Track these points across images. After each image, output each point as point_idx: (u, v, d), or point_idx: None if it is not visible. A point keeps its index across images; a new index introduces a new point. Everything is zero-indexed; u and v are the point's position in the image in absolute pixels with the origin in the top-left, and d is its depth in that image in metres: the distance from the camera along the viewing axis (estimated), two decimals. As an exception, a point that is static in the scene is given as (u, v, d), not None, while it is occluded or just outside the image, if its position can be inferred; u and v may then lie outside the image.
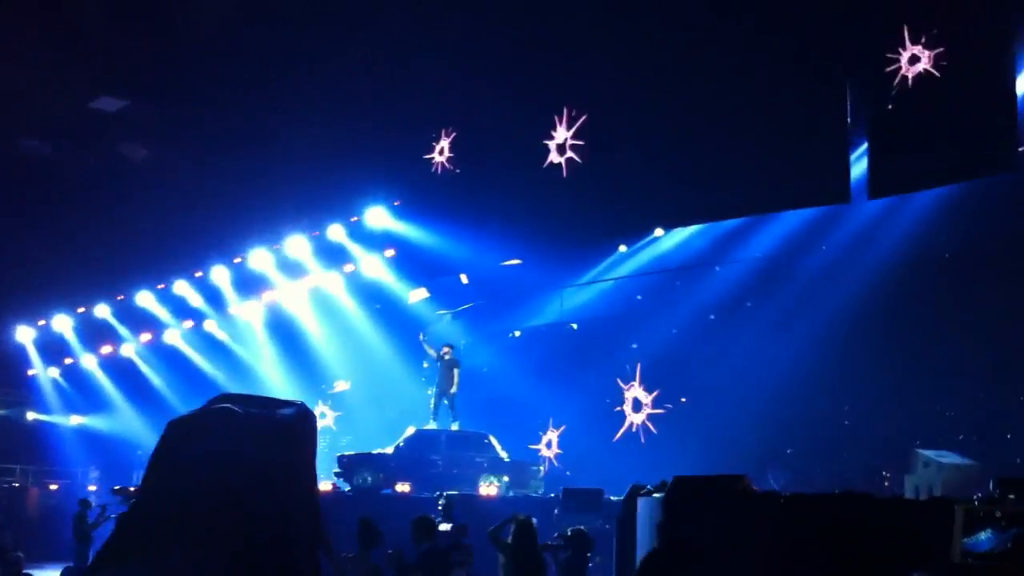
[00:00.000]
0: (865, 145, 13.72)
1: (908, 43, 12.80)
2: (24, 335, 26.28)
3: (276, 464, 1.76)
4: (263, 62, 18.33)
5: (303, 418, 1.81)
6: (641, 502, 8.58)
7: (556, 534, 10.07)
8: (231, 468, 1.70)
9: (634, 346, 19.05)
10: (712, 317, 18.07)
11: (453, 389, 18.50)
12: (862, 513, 6.40)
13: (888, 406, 15.25)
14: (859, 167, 14.00)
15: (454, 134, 18.56)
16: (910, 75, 12.75)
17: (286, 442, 1.79)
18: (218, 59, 18.19)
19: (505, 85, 17.28)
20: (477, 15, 17.07)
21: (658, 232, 18.67)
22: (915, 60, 12.70)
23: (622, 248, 19.58)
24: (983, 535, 5.02)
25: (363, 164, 19.57)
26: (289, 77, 18.43)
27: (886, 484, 13.70)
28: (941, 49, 12.55)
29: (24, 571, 10.06)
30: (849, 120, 13.59)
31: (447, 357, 18.66)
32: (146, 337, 25.34)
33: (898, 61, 12.84)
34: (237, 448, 1.72)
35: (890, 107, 12.91)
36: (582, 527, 9.98)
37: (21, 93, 18.72)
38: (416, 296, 21.58)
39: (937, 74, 12.56)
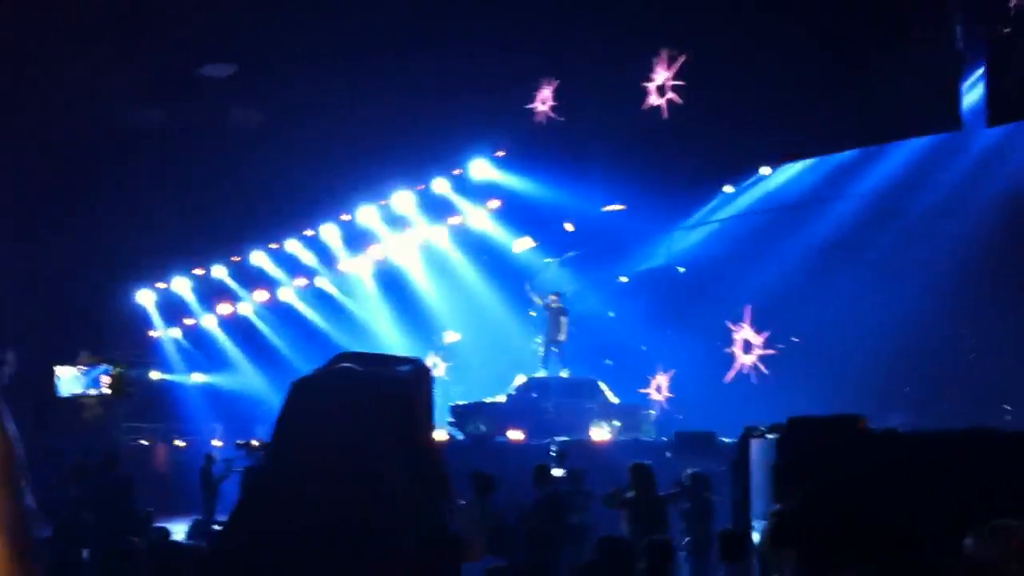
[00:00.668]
0: (980, 71, 13.23)
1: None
2: (145, 297, 27.23)
3: (399, 420, 1.83)
4: (363, 22, 18.45)
5: (422, 373, 1.88)
6: (755, 444, 8.54)
7: (673, 481, 10.13)
8: (358, 428, 1.77)
9: (742, 288, 18.86)
10: (822, 256, 17.74)
11: (561, 336, 18.60)
12: (984, 449, 6.29)
13: (1008, 339, 14.85)
14: (975, 95, 13.52)
15: (556, 83, 18.49)
16: (1025, -1, 12.24)
17: (407, 398, 1.86)
18: (321, 22, 18.39)
19: (603, 30, 17.11)
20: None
21: (764, 171, 18.36)
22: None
23: (728, 188, 19.33)
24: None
25: (465, 116, 19.64)
26: (390, 34, 18.54)
27: (1008, 418, 13.38)
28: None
29: (154, 524, 10.54)
30: (960, 44, 13.11)
31: (554, 305, 18.74)
32: (262, 296, 26.02)
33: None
34: (361, 407, 1.79)
35: (1007, 30, 12.40)
36: (697, 470, 10.02)
37: (129, 64, 19.23)
38: (522, 246, 21.66)
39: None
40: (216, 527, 11.10)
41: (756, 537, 7.94)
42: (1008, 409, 13.56)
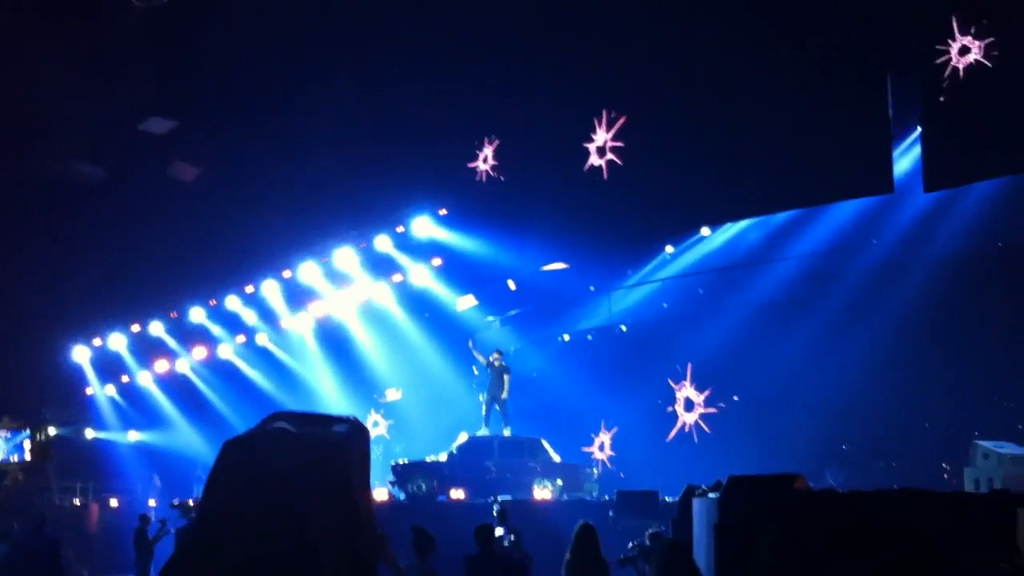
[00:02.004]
0: (914, 136, 13.58)
1: (957, 34, 12.64)
2: (80, 354, 26.73)
3: (332, 482, 1.78)
4: (307, 78, 18.51)
5: (357, 434, 1.83)
6: (697, 503, 8.53)
7: (631, 544, 10.04)
8: (287, 489, 1.73)
9: (683, 346, 18.98)
10: (762, 315, 17.95)
11: (504, 395, 18.53)
12: (921, 510, 6.33)
13: (945, 399, 15.07)
14: (909, 159, 13.86)
15: (497, 142, 18.62)
16: (961, 66, 12.59)
17: (340, 460, 1.81)
18: (264, 78, 18.41)
19: (544, 91, 17.32)
20: (514, 23, 17.12)
21: (704, 231, 18.60)
22: (965, 51, 12.55)
23: (669, 249, 19.53)
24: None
25: (407, 175, 19.69)
26: (332, 92, 18.59)
27: (945, 477, 13.54)
28: (992, 39, 12.38)
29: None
30: (891, 112, 13.46)
31: (497, 364, 18.70)
32: (200, 353, 25.66)
33: (948, 53, 12.69)
34: (292, 468, 1.74)
35: (941, 99, 12.75)
36: (658, 530, 9.95)
37: (69, 118, 19.04)
38: (464, 303, 21.66)
39: (989, 64, 12.39)
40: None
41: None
42: (946, 468, 13.72)
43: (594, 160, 16.85)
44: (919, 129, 13.58)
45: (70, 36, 17.49)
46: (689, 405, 18.78)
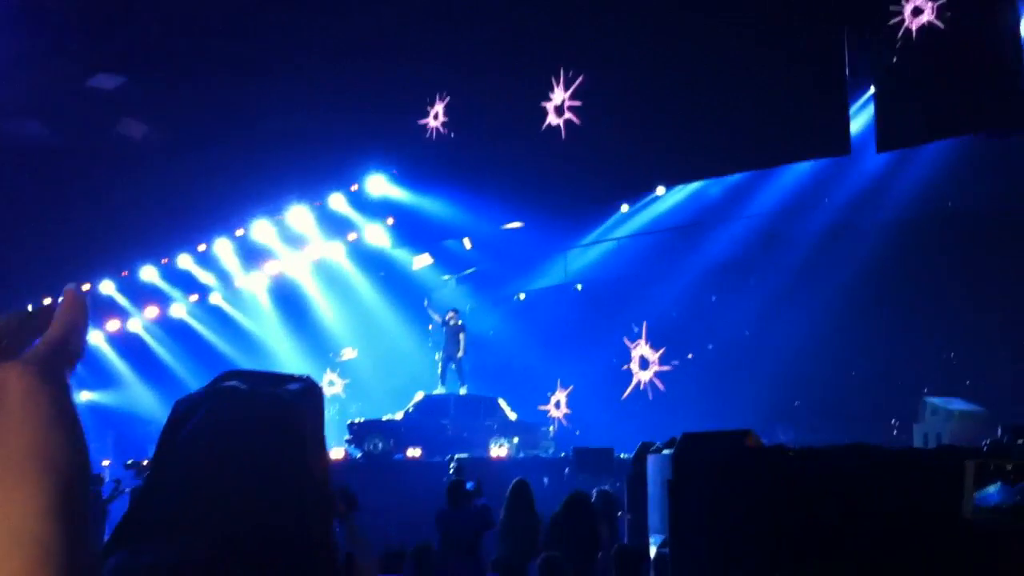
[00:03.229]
0: (866, 97, 13.66)
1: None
2: (30, 314, 26.32)
3: (283, 440, 1.76)
4: (258, 34, 18.21)
5: (309, 392, 1.81)
6: (651, 459, 8.64)
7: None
8: (238, 447, 1.70)
9: (638, 305, 19.10)
10: (716, 275, 18.09)
11: (460, 353, 18.56)
12: (871, 465, 6.43)
13: (895, 356, 15.33)
14: (861, 120, 13.95)
15: (448, 98, 18.47)
16: (914, 27, 12.66)
17: (294, 416, 1.79)
18: (213, 32, 18.08)
19: (497, 48, 17.19)
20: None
21: (659, 190, 18.65)
22: (918, 12, 12.61)
23: (624, 208, 19.57)
24: (992, 488, 5.03)
25: (362, 131, 19.50)
26: (284, 48, 18.32)
27: (895, 433, 13.78)
28: (944, 0, 12.45)
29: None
30: (848, 71, 13.52)
31: (452, 322, 18.71)
32: (152, 312, 25.40)
33: (901, 14, 12.74)
34: (244, 426, 1.71)
35: (895, 60, 12.82)
36: (605, 488, 10.05)
37: (14, 75, 18.62)
38: (420, 262, 21.60)
39: (941, 26, 12.46)
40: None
41: (653, 551, 8.01)
42: (895, 424, 13.96)
43: (552, 119, 16.79)
44: (871, 90, 13.65)
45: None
46: (644, 363, 18.93)
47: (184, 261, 24.09)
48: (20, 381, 0.86)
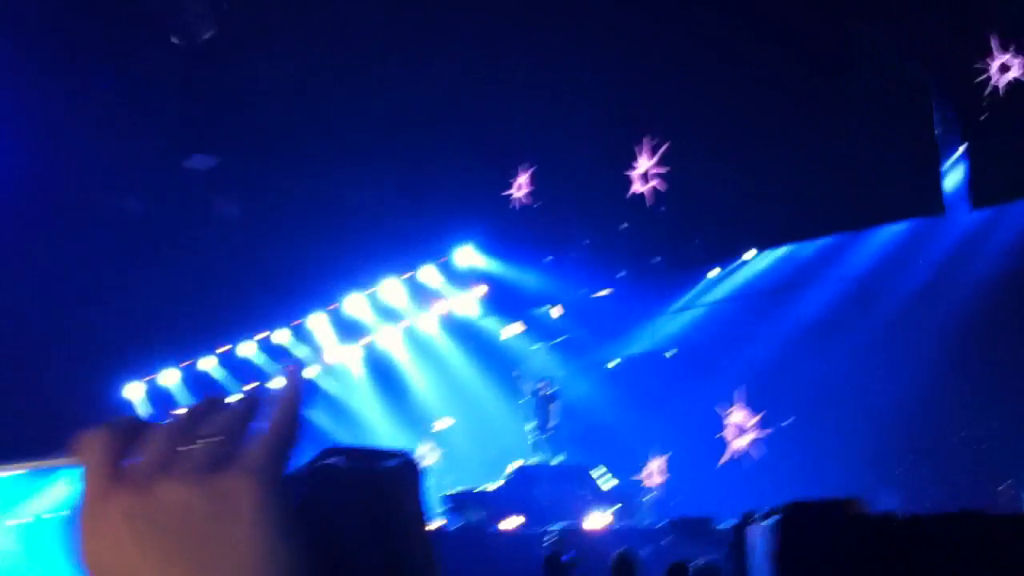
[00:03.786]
0: (954, 157, 13.49)
1: (996, 52, 12.56)
2: (133, 391, 27.01)
3: (384, 516, 1.80)
4: (347, 110, 18.71)
5: (408, 466, 1.84)
6: (752, 529, 8.47)
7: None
8: (340, 525, 1.74)
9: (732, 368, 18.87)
10: (810, 337, 17.80)
11: (553, 422, 18.49)
12: (980, 532, 6.24)
13: (999, 416, 14.86)
14: (954, 177, 13.75)
15: (532, 168, 18.65)
16: (1001, 84, 12.50)
17: (393, 492, 1.82)
18: (304, 112, 18.65)
19: (582, 116, 17.36)
20: (550, 47, 17.20)
21: (749, 254, 18.50)
22: (1005, 69, 12.46)
23: (713, 272, 19.45)
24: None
25: (451, 202, 19.79)
26: (371, 122, 18.79)
27: (1002, 500, 13.32)
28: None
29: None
30: (937, 131, 13.37)
31: (543, 392, 18.67)
32: (250, 387, 25.85)
33: (987, 70, 12.61)
34: (345, 504, 1.76)
35: (984, 117, 12.66)
36: (709, 560, 9.88)
37: (115, 155, 19.38)
38: (509, 332, 21.67)
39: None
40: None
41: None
42: (1009, 486, 13.50)
43: (637, 187, 16.85)
44: (959, 149, 13.49)
45: (108, 73, 17.85)
46: (739, 430, 18.64)
47: (280, 336, 24.55)
48: (250, 489, 0.83)
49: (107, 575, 0.82)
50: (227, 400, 0.94)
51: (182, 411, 0.91)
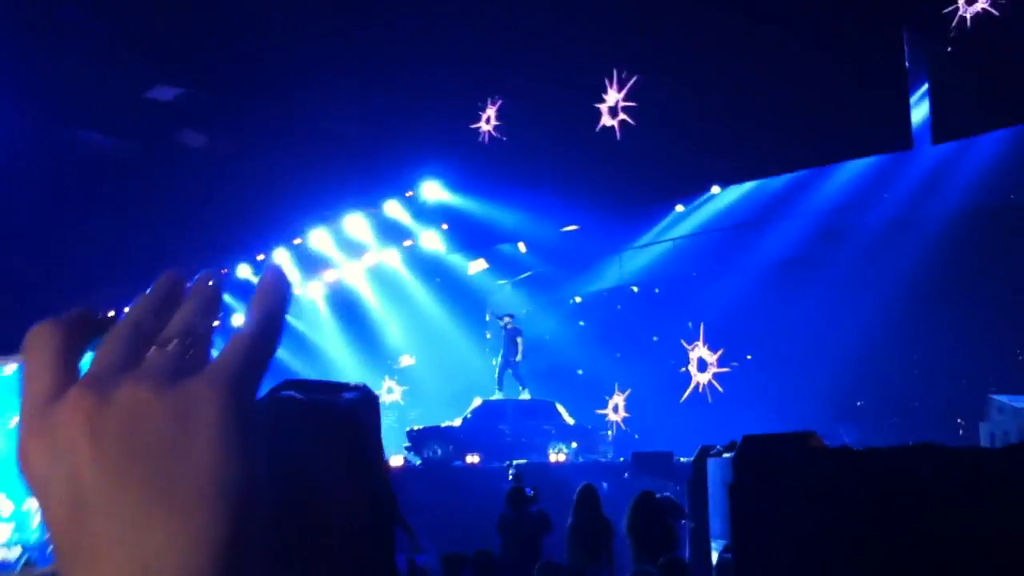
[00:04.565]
0: (924, 89, 13.43)
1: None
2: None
3: (342, 445, 1.76)
4: (311, 44, 18.38)
5: (365, 399, 1.79)
6: (711, 463, 8.54)
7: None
8: (297, 454, 1.70)
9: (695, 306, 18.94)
10: (773, 273, 17.88)
11: (518, 358, 18.55)
12: (936, 465, 6.30)
13: (959, 353, 15.02)
14: (920, 113, 13.72)
15: (500, 102, 18.46)
16: (968, 15, 12.42)
17: (350, 424, 1.78)
18: (269, 42, 18.29)
19: (550, 50, 17.15)
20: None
21: (715, 190, 18.48)
22: (972, 0, 12.37)
23: (679, 208, 19.43)
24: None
25: (417, 137, 19.58)
26: (337, 56, 18.47)
27: (960, 433, 13.51)
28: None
29: None
30: (907, 64, 13.30)
31: (509, 326, 18.69)
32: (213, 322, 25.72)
33: (955, 2, 12.52)
34: (301, 433, 1.72)
35: (949, 49, 12.59)
36: (666, 495, 9.97)
37: (76, 86, 18.99)
38: (475, 267, 21.63)
39: (996, 13, 12.21)
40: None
41: (715, 557, 7.92)
42: (961, 423, 13.69)
43: (606, 120, 16.72)
44: (927, 83, 13.43)
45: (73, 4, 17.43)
46: (702, 365, 18.77)
47: (243, 271, 24.38)
48: (216, 399, 0.75)
49: (49, 488, 0.76)
50: (190, 286, 0.86)
51: (142, 299, 0.83)
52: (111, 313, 0.83)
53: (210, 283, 0.86)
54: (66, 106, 19.75)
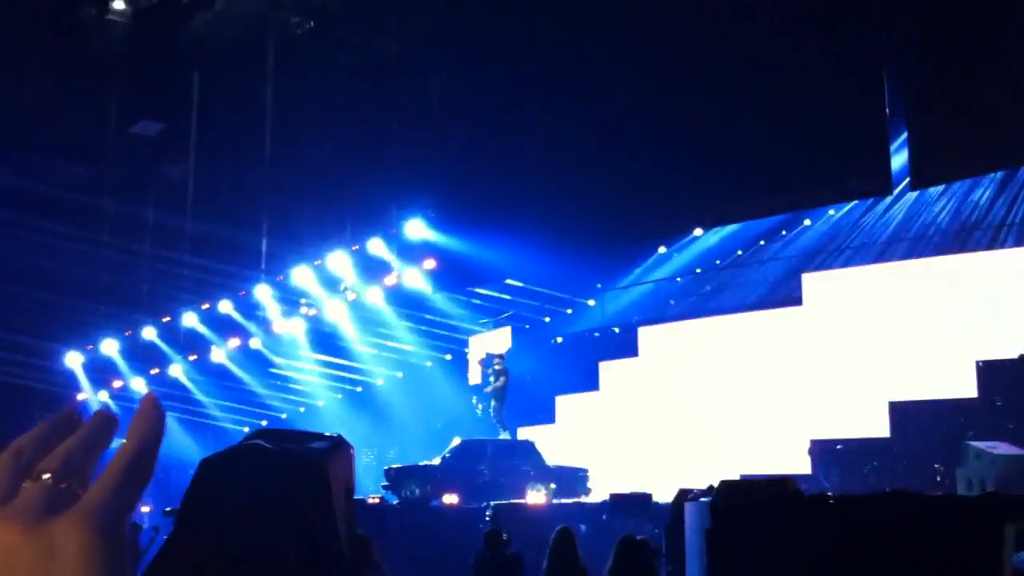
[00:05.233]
0: (904, 136, 13.56)
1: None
2: (73, 360, 26.66)
3: (307, 497, 1.75)
4: (295, 79, 18.48)
5: (336, 448, 1.78)
6: (689, 507, 8.52)
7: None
8: (261, 505, 1.69)
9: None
10: (754, 314, 17.93)
11: (501, 398, 18.48)
12: (914, 514, 6.31)
13: (938, 399, 15.08)
14: (900, 159, 13.86)
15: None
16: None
17: (318, 475, 1.77)
18: (253, 79, 18.38)
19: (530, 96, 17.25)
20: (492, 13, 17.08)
21: (697, 231, 18.58)
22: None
23: (661, 249, 19.52)
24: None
25: (399, 176, 19.65)
26: (320, 94, 18.57)
27: (938, 479, 13.52)
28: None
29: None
30: (888, 110, 13.42)
31: (498, 367, 18.64)
32: (193, 357, 25.61)
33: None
34: (267, 485, 1.71)
35: (927, 97, 12.73)
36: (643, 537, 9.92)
37: (61, 121, 19.01)
38: (458, 306, 21.64)
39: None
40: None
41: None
42: (938, 468, 13.68)
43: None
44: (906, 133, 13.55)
45: (54, 44, 17.48)
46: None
47: (224, 307, 24.29)
48: (80, 538, 0.78)
49: None
50: (87, 418, 0.89)
51: (35, 429, 0.86)
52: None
53: (105, 416, 0.89)
54: (46, 137, 19.76)
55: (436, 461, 17.23)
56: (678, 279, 19.75)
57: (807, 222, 17.93)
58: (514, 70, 17.30)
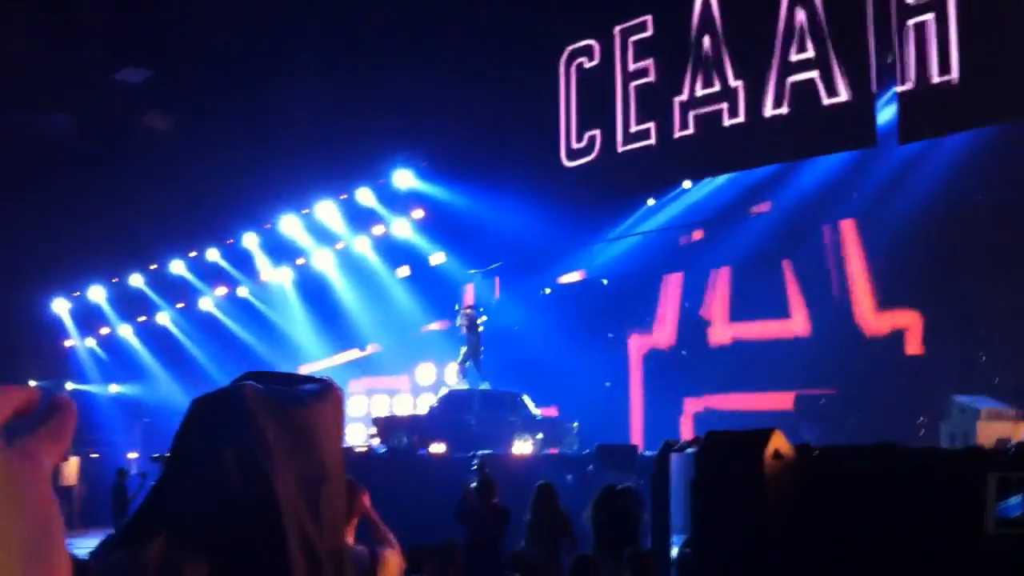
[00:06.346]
0: (893, 90, 13.53)
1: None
2: (60, 306, 26.60)
3: (298, 437, 1.75)
4: (285, 29, 18.29)
5: (326, 391, 1.78)
6: (674, 458, 8.59)
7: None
8: (250, 446, 1.70)
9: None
10: (740, 268, 17.96)
11: (482, 348, 18.50)
12: (897, 465, 6.38)
13: (923, 353, 15.18)
14: (887, 112, 13.82)
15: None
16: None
17: (308, 417, 1.78)
18: (242, 28, 18.16)
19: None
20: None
21: (686, 184, 18.51)
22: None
23: (650, 202, 19.47)
24: (1014, 500, 4.96)
25: (389, 125, 19.53)
26: (311, 42, 18.39)
27: (921, 432, 13.64)
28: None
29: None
30: (874, 62, 13.40)
31: (472, 319, 18.63)
32: (180, 305, 25.58)
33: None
34: (257, 425, 1.71)
35: (916, 51, 12.70)
36: (627, 485, 10.01)
37: (44, 69, 18.79)
38: (438, 259, 21.60)
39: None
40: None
41: (674, 551, 7.98)
42: (922, 422, 13.81)
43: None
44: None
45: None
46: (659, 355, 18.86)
47: (212, 255, 24.23)
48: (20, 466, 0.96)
49: None
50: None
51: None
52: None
53: (66, 403, 1.06)
54: (33, 89, 19.54)
55: (423, 411, 17.31)
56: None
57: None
58: (501, 21, 17.17)
